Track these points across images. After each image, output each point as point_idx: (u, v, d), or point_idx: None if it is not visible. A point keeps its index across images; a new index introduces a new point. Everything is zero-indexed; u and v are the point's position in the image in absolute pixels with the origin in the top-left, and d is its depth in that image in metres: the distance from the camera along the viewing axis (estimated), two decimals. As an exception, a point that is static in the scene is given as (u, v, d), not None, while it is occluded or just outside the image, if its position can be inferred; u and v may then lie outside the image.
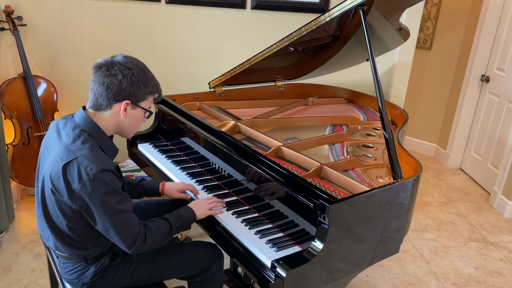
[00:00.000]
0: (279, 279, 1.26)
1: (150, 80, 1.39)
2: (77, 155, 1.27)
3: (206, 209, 1.57)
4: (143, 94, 1.38)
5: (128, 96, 1.35)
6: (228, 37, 3.07)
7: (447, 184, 3.75)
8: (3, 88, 2.65)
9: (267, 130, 2.13)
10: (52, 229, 1.40)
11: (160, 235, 1.42)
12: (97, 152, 1.30)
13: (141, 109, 1.41)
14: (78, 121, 1.37)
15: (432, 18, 4.01)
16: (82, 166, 1.25)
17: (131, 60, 1.37)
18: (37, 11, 2.82)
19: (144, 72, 1.37)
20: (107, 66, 1.33)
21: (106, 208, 1.27)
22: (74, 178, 1.25)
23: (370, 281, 2.41)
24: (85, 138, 1.32)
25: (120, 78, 1.32)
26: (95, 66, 1.35)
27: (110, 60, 1.35)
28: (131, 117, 1.40)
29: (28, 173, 2.80)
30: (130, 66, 1.34)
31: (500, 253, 2.78)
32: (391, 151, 1.58)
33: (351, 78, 3.25)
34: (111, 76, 1.32)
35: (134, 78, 1.34)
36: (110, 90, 1.32)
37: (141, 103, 1.40)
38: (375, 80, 1.65)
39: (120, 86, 1.32)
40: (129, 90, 1.34)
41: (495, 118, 3.56)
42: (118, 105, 1.35)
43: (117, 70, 1.32)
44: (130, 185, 1.72)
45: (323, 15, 1.80)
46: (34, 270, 2.29)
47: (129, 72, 1.33)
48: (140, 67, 1.37)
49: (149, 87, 1.39)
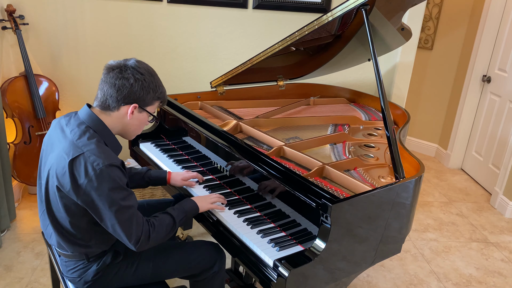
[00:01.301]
0: (281, 278, 1.26)
1: (159, 86, 1.44)
2: (84, 150, 1.28)
3: (208, 202, 1.60)
4: (151, 99, 1.42)
5: (137, 100, 1.39)
6: (230, 37, 3.07)
7: (448, 184, 3.75)
8: (5, 87, 2.65)
9: (269, 130, 2.13)
10: (55, 226, 1.40)
11: (164, 229, 1.43)
12: (103, 148, 1.32)
13: (146, 113, 1.45)
14: (83, 118, 1.38)
15: (434, 18, 4.01)
16: (89, 161, 1.26)
17: (143, 65, 1.41)
18: (39, 10, 2.82)
19: (154, 78, 1.42)
20: (120, 69, 1.36)
21: (112, 204, 1.28)
22: (81, 173, 1.26)
23: (371, 281, 2.41)
24: (91, 134, 1.34)
25: (132, 82, 1.36)
26: (107, 67, 1.38)
27: (123, 63, 1.38)
28: (136, 120, 1.43)
29: (30, 172, 2.80)
30: (142, 71, 1.38)
31: (501, 253, 2.78)
32: (393, 151, 1.58)
33: (353, 78, 3.25)
34: (124, 79, 1.35)
35: (145, 83, 1.38)
36: (121, 92, 1.36)
37: (148, 108, 1.44)
38: (378, 80, 1.65)
39: (131, 89, 1.36)
40: (139, 94, 1.38)
41: (496, 119, 3.56)
42: (126, 107, 1.38)
43: (129, 73, 1.36)
44: (138, 175, 1.76)
45: (326, 15, 1.80)
46: (36, 269, 2.29)
47: (141, 77, 1.37)
48: (151, 73, 1.42)
49: (157, 93, 1.43)
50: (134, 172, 1.76)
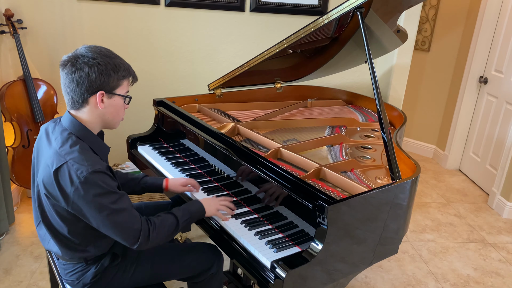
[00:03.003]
0: (279, 279, 1.26)
1: (119, 65, 1.34)
2: (67, 159, 1.26)
3: (216, 208, 1.57)
4: (115, 81, 1.33)
5: (100, 87, 1.30)
6: (227, 40, 3.08)
7: (446, 185, 3.76)
8: (3, 91, 2.66)
9: (266, 132, 2.13)
10: (52, 233, 1.40)
11: (165, 230, 1.41)
12: (86, 155, 1.29)
13: (118, 97, 1.36)
14: (65, 124, 1.35)
15: (430, 20, 4.03)
16: (72, 170, 1.24)
17: (94, 49, 1.31)
18: (37, 14, 2.83)
19: (110, 59, 1.32)
20: (71, 62, 1.29)
21: (102, 209, 1.26)
22: (66, 183, 1.25)
23: (369, 282, 2.42)
24: (73, 141, 1.31)
25: (87, 71, 1.27)
26: (61, 64, 1.31)
27: (73, 54, 1.30)
28: (110, 107, 1.36)
29: (28, 175, 2.80)
30: (94, 56, 1.29)
31: (499, 253, 2.79)
32: (389, 152, 1.59)
33: (350, 80, 3.26)
34: (78, 70, 1.27)
35: (102, 67, 1.29)
36: (81, 85, 1.28)
37: (116, 90, 1.35)
38: (373, 81, 1.66)
39: (89, 78, 1.28)
40: (100, 80, 1.29)
41: (494, 119, 3.58)
42: (93, 98, 1.31)
43: (81, 63, 1.28)
44: (133, 181, 1.73)
45: (322, 18, 1.81)
46: (34, 272, 2.29)
47: (94, 61, 1.28)
48: (105, 54, 1.32)
49: (120, 72, 1.33)
50: (130, 178, 1.74)
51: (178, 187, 1.73)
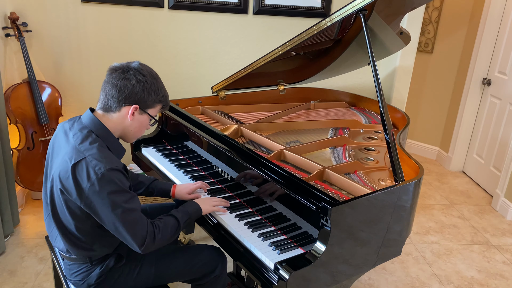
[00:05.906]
0: (282, 281, 1.27)
1: (161, 89, 1.45)
2: (86, 155, 1.30)
3: (211, 205, 1.61)
4: (152, 102, 1.43)
5: (138, 101, 1.40)
6: (231, 42, 3.09)
7: (450, 187, 3.75)
8: (8, 94, 2.68)
9: (269, 134, 2.14)
10: (60, 229, 1.42)
11: (168, 231, 1.44)
12: (105, 152, 1.33)
13: (147, 116, 1.45)
14: (86, 122, 1.40)
15: (433, 22, 4.03)
16: (91, 165, 1.28)
17: (146, 68, 1.43)
18: (42, 18, 2.86)
19: (156, 81, 1.43)
20: (123, 70, 1.38)
21: (115, 207, 1.29)
22: (83, 178, 1.28)
23: (373, 283, 2.41)
24: (93, 139, 1.36)
25: (134, 83, 1.37)
26: (110, 68, 1.40)
27: (126, 64, 1.40)
28: (137, 121, 1.44)
29: (33, 177, 2.82)
30: (144, 73, 1.40)
31: (503, 255, 2.78)
32: (392, 154, 1.59)
33: (353, 82, 3.27)
34: (125, 79, 1.37)
35: (147, 85, 1.39)
36: (122, 92, 1.37)
37: (149, 110, 1.44)
38: (376, 83, 1.67)
39: (132, 90, 1.37)
40: (140, 95, 1.39)
41: (497, 121, 3.57)
42: (127, 108, 1.39)
43: (131, 74, 1.38)
44: (142, 184, 1.76)
45: (325, 20, 1.82)
46: (39, 274, 2.31)
47: (143, 78, 1.39)
48: (153, 76, 1.43)
49: (159, 96, 1.44)
50: (139, 181, 1.76)
51: (184, 194, 1.74)
